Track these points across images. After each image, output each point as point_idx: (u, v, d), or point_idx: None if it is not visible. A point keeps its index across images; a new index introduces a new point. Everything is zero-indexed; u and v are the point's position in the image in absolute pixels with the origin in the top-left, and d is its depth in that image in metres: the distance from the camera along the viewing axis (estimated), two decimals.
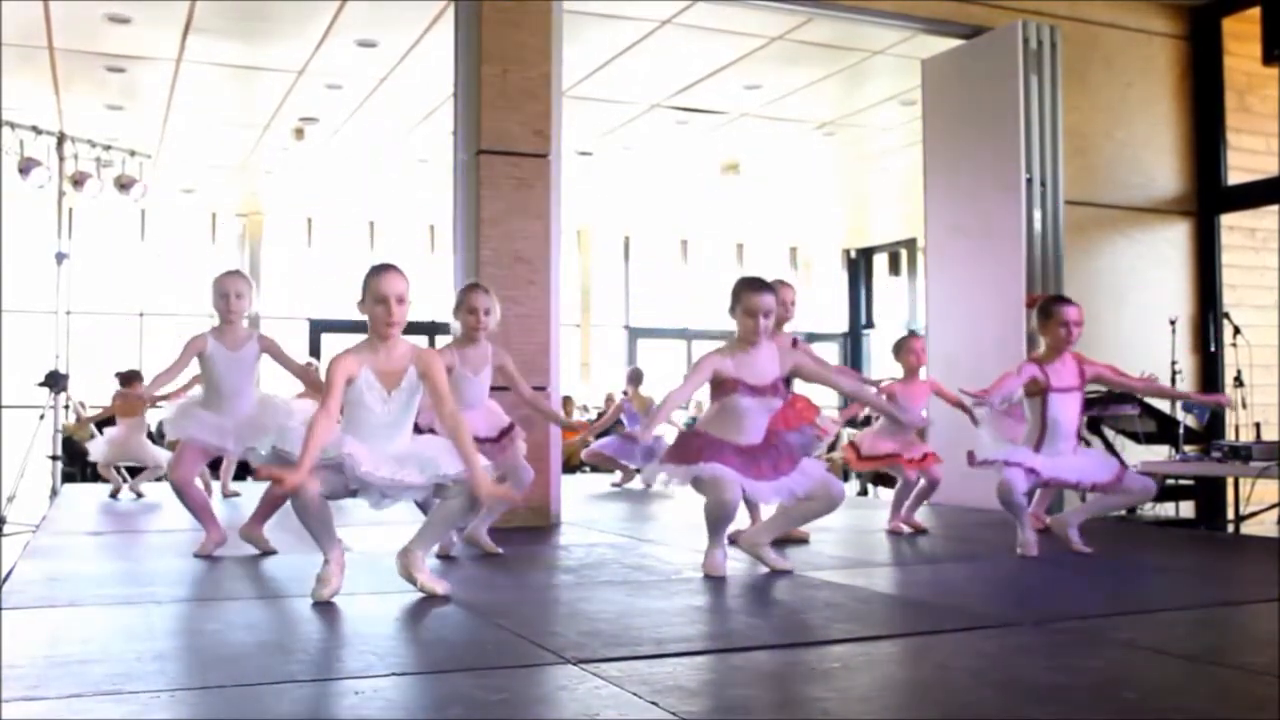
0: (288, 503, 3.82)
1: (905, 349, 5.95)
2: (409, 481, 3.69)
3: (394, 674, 2.71)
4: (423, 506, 4.11)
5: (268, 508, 4.88)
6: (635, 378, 9.72)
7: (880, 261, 17.95)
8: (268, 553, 4.85)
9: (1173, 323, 7.70)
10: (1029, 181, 7.38)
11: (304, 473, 3.49)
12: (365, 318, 3.80)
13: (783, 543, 4.84)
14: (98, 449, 8.11)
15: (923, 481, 5.83)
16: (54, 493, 8.02)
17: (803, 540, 5.27)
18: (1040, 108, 7.44)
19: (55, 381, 7.86)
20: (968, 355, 7.51)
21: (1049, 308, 5.02)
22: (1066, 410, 4.92)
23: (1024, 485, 4.79)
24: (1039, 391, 4.90)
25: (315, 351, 14.72)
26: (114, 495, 8.13)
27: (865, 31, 8.35)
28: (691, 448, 4.27)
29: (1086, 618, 3.53)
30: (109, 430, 8.23)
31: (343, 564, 3.75)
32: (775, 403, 4.36)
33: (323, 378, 4.03)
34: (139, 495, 8.10)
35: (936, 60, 8.08)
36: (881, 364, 17.77)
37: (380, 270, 3.80)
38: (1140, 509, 6.81)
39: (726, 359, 4.30)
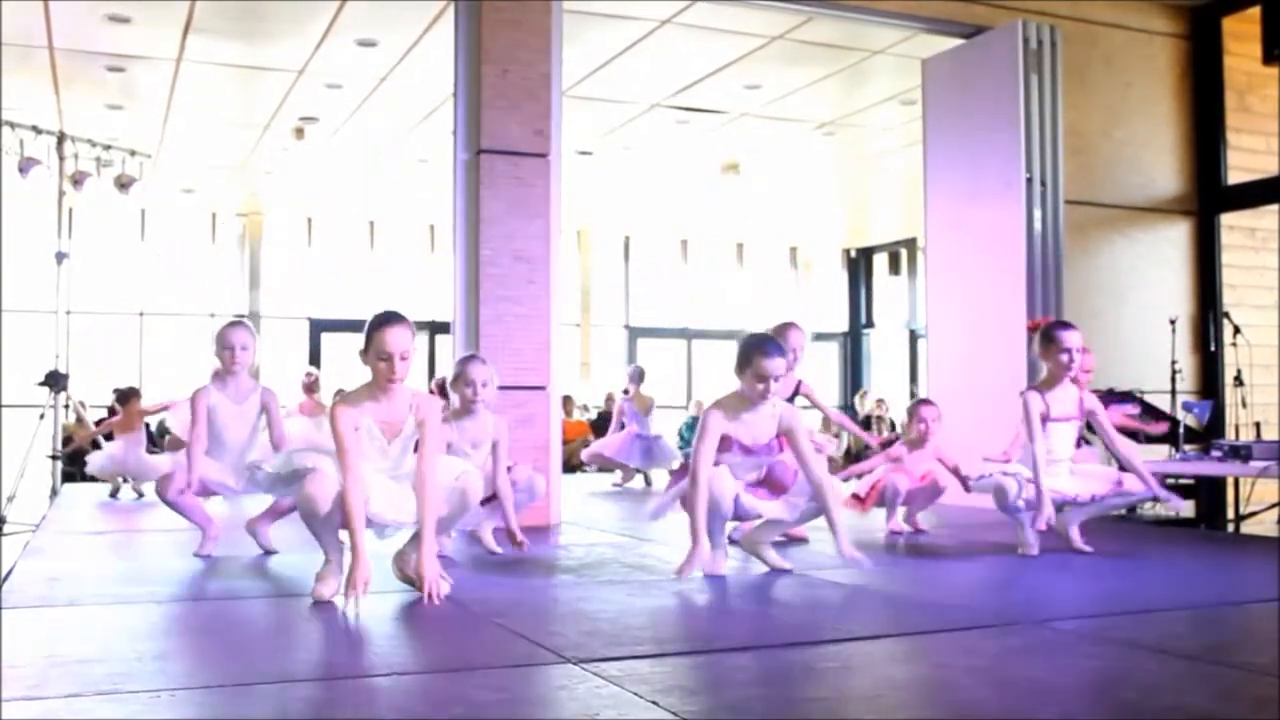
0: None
1: (915, 417, 5.84)
2: (406, 523, 3.77)
3: (394, 674, 2.71)
4: None
5: (279, 509, 4.88)
6: (637, 376, 9.70)
7: (880, 261, 17.95)
8: (268, 552, 4.86)
9: (1173, 322, 7.70)
10: (1029, 181, 7.37)
11: (364, 560, 3.53)
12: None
13: (783, 542, 4.84)
14: (96, 462, 8.10)
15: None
16: (54, 493, 8.02)
17: (803, 540, 5.27)
18: (1040, 107, 7.43)
19: (55, 381, 7.86)
20: (968, 356, 7.51)
21: (1050, 333, 4.90)
22: (1063, 438, 4.88)
23: (1019, 490, 4.76)
24: (1039, 419, 4.83)
25: (315, 353, 14.72)
26: (114, 495, 8.13)
27: (865, 31, 8.35)
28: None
29: (1086, 618, 3.53)
30: (107, 445, 8.22)
31: (343, 564, 3.75)
32: (768, 460, 4.35)
33: (322, 396, 4.04)
34: (139, 494, 8.11)
35: (937, 60, 8.08)
36: (881, 364, 17.79)
37: (384, 323, 3.72)
38: (1140, 509, 6.80)
39: (730, 420, 4.23)
